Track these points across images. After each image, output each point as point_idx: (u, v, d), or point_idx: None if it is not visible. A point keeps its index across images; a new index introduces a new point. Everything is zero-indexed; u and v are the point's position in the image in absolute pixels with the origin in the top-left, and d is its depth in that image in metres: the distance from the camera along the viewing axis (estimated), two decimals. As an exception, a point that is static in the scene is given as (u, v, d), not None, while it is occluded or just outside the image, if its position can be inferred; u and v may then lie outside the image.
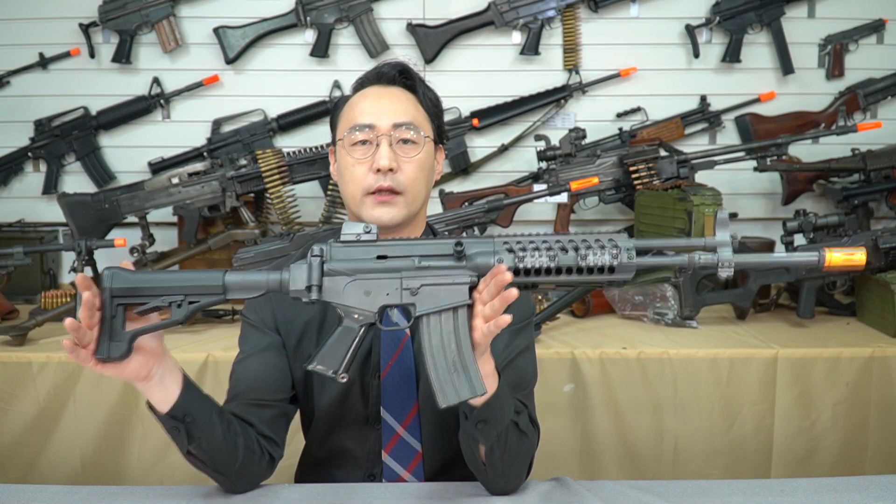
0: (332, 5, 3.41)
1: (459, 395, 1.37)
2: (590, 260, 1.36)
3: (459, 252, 1.36)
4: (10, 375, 2.60)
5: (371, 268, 1.38)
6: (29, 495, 1.59)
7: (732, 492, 1.61)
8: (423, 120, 1.69)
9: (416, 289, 1.37)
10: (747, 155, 3.21)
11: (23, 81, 3.47)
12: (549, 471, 1.76)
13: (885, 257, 2.87)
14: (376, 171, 1.62)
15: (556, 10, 3.44)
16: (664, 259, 1.39)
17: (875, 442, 2.63)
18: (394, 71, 1.72)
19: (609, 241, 1.38)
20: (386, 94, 1.69)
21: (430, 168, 1.70)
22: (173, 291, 1.37)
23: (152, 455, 2.62)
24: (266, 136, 3.46)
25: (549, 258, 1.37)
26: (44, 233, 3.37)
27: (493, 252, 1.37)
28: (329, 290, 1.38)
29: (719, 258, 1.36)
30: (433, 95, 1.76)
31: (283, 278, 1.38)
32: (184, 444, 1.47)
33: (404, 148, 1.65)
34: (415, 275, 1.38)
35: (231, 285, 1.38)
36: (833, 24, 3.54)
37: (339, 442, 1.75)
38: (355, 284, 1.38)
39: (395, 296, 1.38)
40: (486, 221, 3.01)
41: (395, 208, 1.64)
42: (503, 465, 1.54)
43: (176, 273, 1.42)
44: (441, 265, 1.38)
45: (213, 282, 1.38)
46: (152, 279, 1.39)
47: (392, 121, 1.64)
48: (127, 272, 1.38)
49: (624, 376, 2.64)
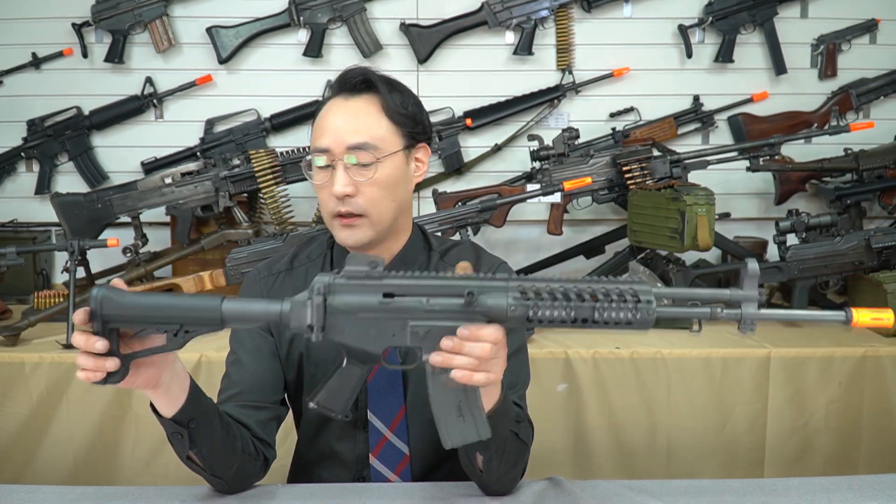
0: (325, 5, 3.41)
1: (465, 439, 1.36)
2: (607, 315, 1.27)
3: (470, 301, 1.28)
4: (3, 376, 2.59)
5: (376, 307, 1.31)
6: (22, 496, 1.59)
7: (725, 491, 1.61)
8: (385, 132, 1.62)
9: (424, 333, 1.31)
10: (740, 155, 3.21)
11: (15, 81, 3.45)
12: (543, 471, 1.76)
13: (877, 257, 2.88)
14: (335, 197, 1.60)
15: (549, 10, 3.44)
16: (684, 310, 1.29)
17: (868, 441, 2.64)
18: (355, 79, 1.66)
19: (630, 293, 1.27)
20: (344, 110, 1.63)
21: (396, 182, 1.64)
22: (168, 320, 1.32)
23: (145, 455, 2.62)
24: (259, 136, 3.45)
25: (565, 311, 1.27)
26: (36, 233, 3.35)
27: (506, 294, 1.28)
28: (331, 328, 1.31)
29: (742, 315, 1.27)
30: (400, 98, 1.66)
31: (284, 311, 1.31)
32: (184, 449, 1.47)
33: (362, 171, 1.60)
34: (423, 317, 1.30)
35: (228, 316, 1.32)
36: (826, 24, 3.54)
37: (328, 444, 1.75)
38: (359, 323, 1.32)
39: (402, 337, 1.32)
40: (479, 221, 3.01)
41: (361, 230, 1.62)
42: (500, 472, 1.54)
43: (171, 299, 1.36)
44: (451, 308, 1.30)
45: (210, 312, 1.32)
46: (146, 306, 1.32)
47: (346, 143, 1.59)
48: (119, 295, 1.31)
49: (617, 376, 2.64)
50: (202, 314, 1.32)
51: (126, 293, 1.33)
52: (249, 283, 1.79)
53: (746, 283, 1.26)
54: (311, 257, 1.78)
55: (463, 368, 1.29)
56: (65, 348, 2.63)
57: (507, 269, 1.77)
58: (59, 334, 2.71)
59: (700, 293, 1.29)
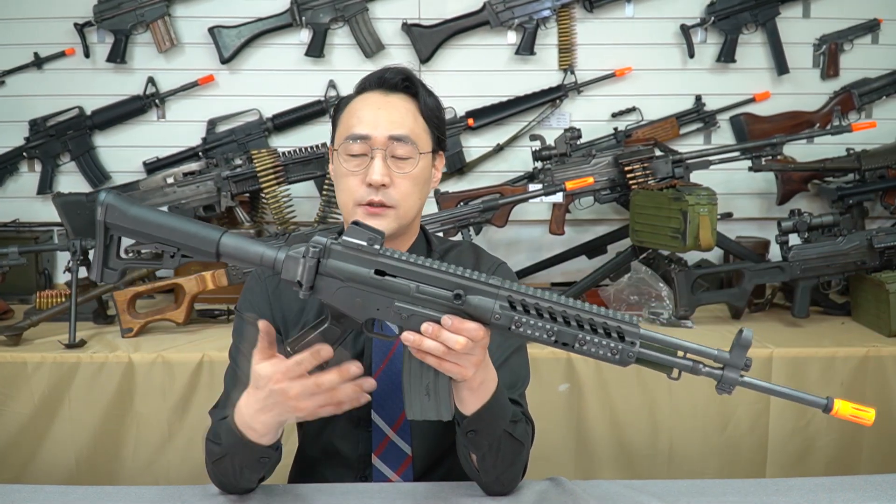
0: (327, 5, 3.41)
1: (425, 414, 1.37)
2: (586, 348, 1.28)
3: (459, 300, 1.29)
4: (5, 375, 2.59)
5: (367, 281, 1.32)
6: (24, 496, 1.59)
7: (727, 491, 1.61)
8: (421, 131, 1.66)
9: (408, 316, 1.31)
10: (742, 155, 3.22)
11: (17, 81, 3.46)
12: (545, 471, 1.76)
13: (879, 257, 2.87)
14: (368, 185, 1.60)
15: (551, 10, 3.44)
16: (666, 357, 1.29)
17: (870, 441, 2.64)
18: (397, 77, 1.67)
19: (617, 331, 1.28)
20: (386, 104, 1.65)
21: (425, 181, 1.67)
22: (168, 242, 1.33)
23: (147, 455, 2.61)
24: (261, 136, 3.45)
25: (546, 332, 1.28)
26: (39, 233, 3.36)
27: (494, 300, 1.29)
28: (320, 288, 1.33)
29: (724, 377, 1.28)
30: (434, 103, 1.71)
31: (278, 259, 1.33)
32: (259, 471, 1.52)
33: (399, 163, 1.62)
34: (410, 301, 1.31)
35: (226, 249, 1.33)
36: (828, 24, 3.54)
37: (331, 442, 1.75)
38: (348, 290, 1.33)
39: (386, 314, 1.33)
40: (481, 221, 3.01)
41: (386, 220, 1.62)
42: (496, 471, 1.54)
43: (175, 221, 1.35)
44: (438, 300, 1.30)
45: (208, 242, 1.33)
46: (149, 222, 1.33)
47: (388, 133, 1.61)
48: (125, 204, 1.33)
49: (619, 376, 2.64)
50: (201, 243, 1.33)
51: (133, 204, 1.34)
52: (252, 283, 1.79)
53: (736, 350, 1.28)
54: (316, 257, 1.77)
55: (431, 354, 1.30)
56: (67, 348, 2.64)
57: (506, 269, 1.77)
58: (61, 334, 2.71)
59: (688, 346, 1.29)
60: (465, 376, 1.34)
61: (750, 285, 2.93)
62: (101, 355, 2.59)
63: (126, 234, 1.34)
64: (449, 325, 1.28)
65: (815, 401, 1.29)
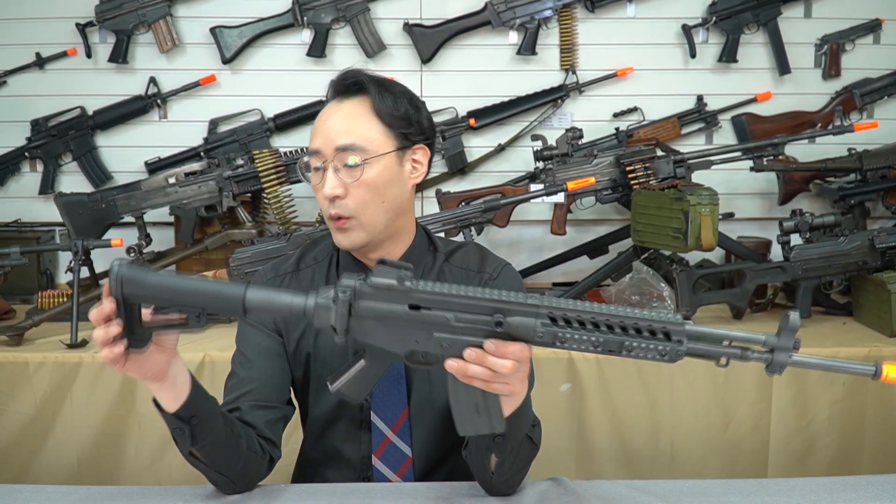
0: (328, 5, 3.41)
1: (477, 430, 1.36)
2: (635, 353, 1.27)
3: (499, 324, 1.27)
4: (7, 375, 2.60)
5: (402, 316, 1.30)
6: (26, 495, 1.59)
7: (729, 491, 1.61)
8: (375, 134, 1.62)
9: (449, 344, 1.30)
10: (744, 155, 3.21)
11: (19, 81, 3.46)
12: (546, 470, 1.76)
13: (881, 257, 2.87)
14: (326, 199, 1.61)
15: (552, 10, 3.44)
16: (715, 349, 1.28)
17: (871, 442, 2.64)
18: (346, 82, 1.65)
19: (662, 331, 1.27)
20: (335, 113, 1.64)
21: (386, 183, 1.63)
22: (192, 304, 1.30)
23: (149, 455, 2.62)
24: (263, 136, 3.45)
25: (592, 343, 1.28)
26: (40, 233, 3.36)
27: (535, 318, 1.28)
28: (355, 329, 1.31)
29: (774, 360, 1.27)
30: (394, 99, 1.65)
31: (308, 308, 1.30)
32: (186, 444, 1.47)
33: (350, 172, 1.59)
34: (449, 331, 1.29)
35: (252, 304, 1.30)
36: (829, 24, 3.54)
37: (333, 444, 1.75)
38: (384, 327, 1.31)
39: (426, 344, 1.31)
40: (482, 221, 3.01)
41: (353, 233, 1.63)
42: (510, 473, 1.55)
43: (196, 283, 1.32)
44: (478, 325, 1.29)
45: (233, 300, 1.30)
46: (170, 289, 1.30)
47: (334, 145, 1.60)
48: (142, 274, 1.30)
49: (620, 376, 2.64)
50: (226, 301, 1.31)
51: (149, 272, 1.31)
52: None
53: (784, 333, 1.26)
54: (318, 259, 1.78)
55: (477, 378, 1.29)
56: (69, 348, 2.64)
57: (511, 270, 1.77)
58: (62, 334, 2.71)
59: (735, 335, 1.28)
60: (513, 392, 1.34)
61: (751, 285, 2.93)
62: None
63: (147, 302, 1.31)
64: (493, 351, 1.28)
65: (863, 369, 1.31)
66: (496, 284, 1.70)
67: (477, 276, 1.73)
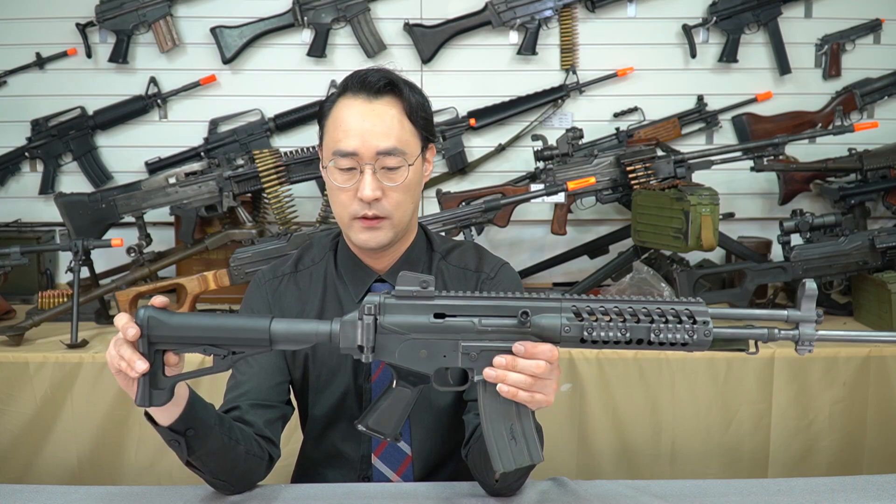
0: (329, 5, 3.41)
1: (517, 462, 1.35)
2: (663, 336, 1.27)
3: (524, 321, 1.28)
4: (7, 376, 2.59)
5: (428, 328, 1.31)
6: (26, 495, 1.59)
7: (729, 492, 1.61)
8: (409, 136, 1.62)
9: (477, 354, 1.30)
10: (744, 155, 3.21)
11: (19, 81, 3.46)
12: (547, 471, 1.76)
13: (881, 257, 2.87)
14: (360, 200, 1.59)
15: (553, 10, 3.44)
16: (741, 331, 1.29)
17: (872, 442, 2.64)
18: (380, 82, 1.62)
19: (686, 314, 1.28)
20: (370, 113, 1.60)
21: (417, 184, 1.65)
22: (217, 342, 1.31)
23: (150, 455, 2.62)
24: (263, 136, 3.45)
25: (621, 331, 1.28)
26: (41, 233, 3.36)
27: (560, 314, 1.29)
28: (382, 348, 1.31)
29: (801, 335, 1.29)
30: (418, 99, 1.66)
31: (334, 331, 1.31)
32: (183, 455, 1.46)
33: (389, 174, 1.59)
34: (475, 338, 1.30)
35: (277, 336, 1.31)
36: (830, 24, 3.54)
37: (334, 443, 1.75)
38: (410, 344, 1.32)
39: (453, 358, 1.32)
40: (483, 221, 3.00)
41: (382, 232, 1.62)
42: (513, 478, 1.54)
43: (220, 320, 1.34)
44: (503, 328, 1.30)
45: (258, 333, 1.31)
46: (195, 328, 1.31)
47: (376, 148, 1.58)
48: (166, 316, 1.31)
49: (621, 376, 2.64)
50: (251, 336, 1.32)
51: (174, 314, 1.32)
52: (252, 289, 1.79)
53: (804, 303, 1.27)
54: (315, 260, 1.78)
55: (516, 386, 1.29)
56: (69, 348, 2.64)
57: (509, 270, 1.77)
58: (63, 334, 2.71)
59: (757, 314, 1.28)
60: (550, 402, 1.34)
61: (752, 285, 2.93)
62: (104, 355, 2.58)
63: (172, 343, 1.32)
64: (522, 352, 1.28)
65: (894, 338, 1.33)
66: (494, 284, 1.70)
67: (475, 275, 1.73)
